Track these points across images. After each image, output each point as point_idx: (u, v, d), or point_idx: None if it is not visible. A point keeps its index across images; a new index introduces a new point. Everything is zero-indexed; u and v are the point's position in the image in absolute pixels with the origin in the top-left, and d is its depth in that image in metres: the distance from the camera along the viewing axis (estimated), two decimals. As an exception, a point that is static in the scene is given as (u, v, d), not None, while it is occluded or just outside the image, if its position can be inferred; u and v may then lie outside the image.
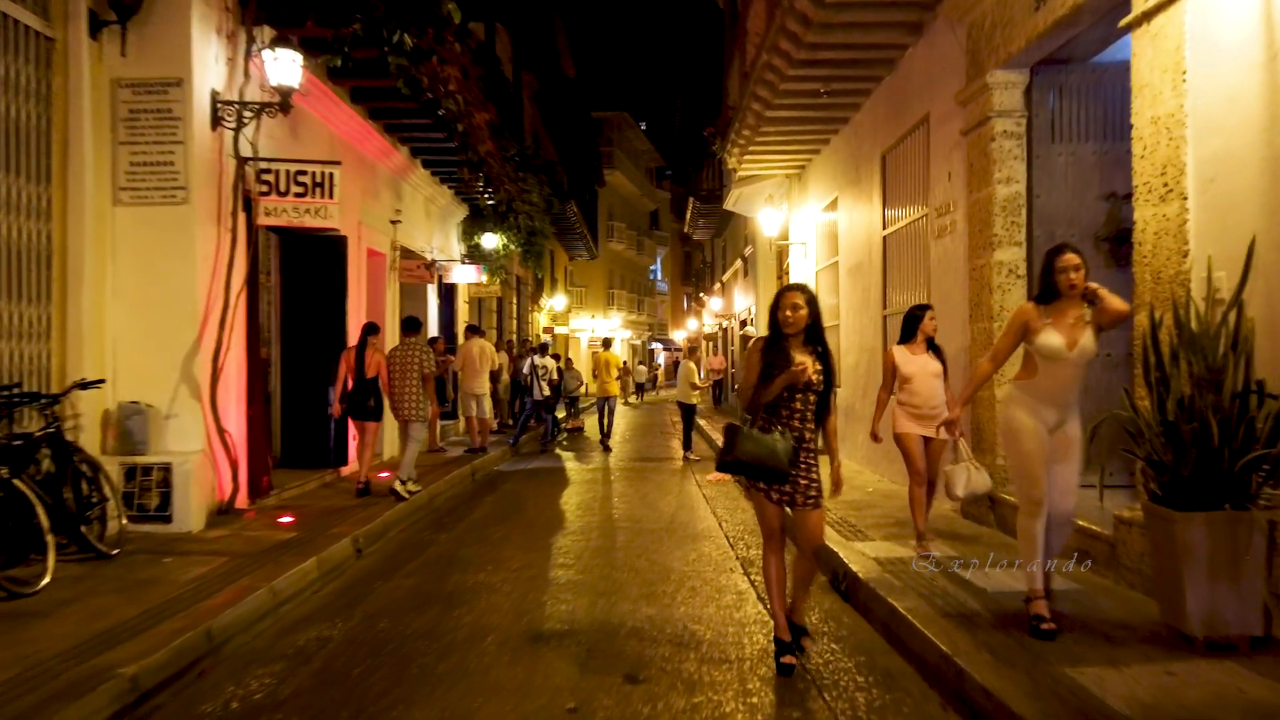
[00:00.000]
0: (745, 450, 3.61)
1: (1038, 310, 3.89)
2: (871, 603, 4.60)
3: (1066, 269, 3.79)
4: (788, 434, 3.62)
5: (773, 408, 3.69)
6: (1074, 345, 3.77)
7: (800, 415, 3.70)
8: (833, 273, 11.20)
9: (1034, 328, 3.85)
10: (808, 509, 3.73)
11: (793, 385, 3.63)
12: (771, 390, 3.63)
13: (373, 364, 8.06)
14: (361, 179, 9.85)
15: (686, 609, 4.76)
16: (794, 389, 3.65)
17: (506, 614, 4.70)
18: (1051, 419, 3.90)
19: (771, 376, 3.63)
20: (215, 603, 4.51)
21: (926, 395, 5.43)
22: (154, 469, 6.05)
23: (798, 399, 3.69)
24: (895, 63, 8.30)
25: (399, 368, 7.96)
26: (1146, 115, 4.34)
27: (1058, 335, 3.78)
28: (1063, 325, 3.80)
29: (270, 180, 6.80)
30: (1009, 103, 6.09)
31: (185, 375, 6.27)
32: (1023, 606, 3.89)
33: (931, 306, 5.66)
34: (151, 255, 6.23)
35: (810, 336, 3.74)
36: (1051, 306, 3.86)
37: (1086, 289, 3.80)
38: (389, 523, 7.06)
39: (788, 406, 3.68)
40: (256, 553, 5.57)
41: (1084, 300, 3.82)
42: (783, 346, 3.69)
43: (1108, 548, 4.65)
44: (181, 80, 6.22)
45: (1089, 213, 6.10)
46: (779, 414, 3.69)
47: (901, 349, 5.56)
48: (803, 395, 3.68)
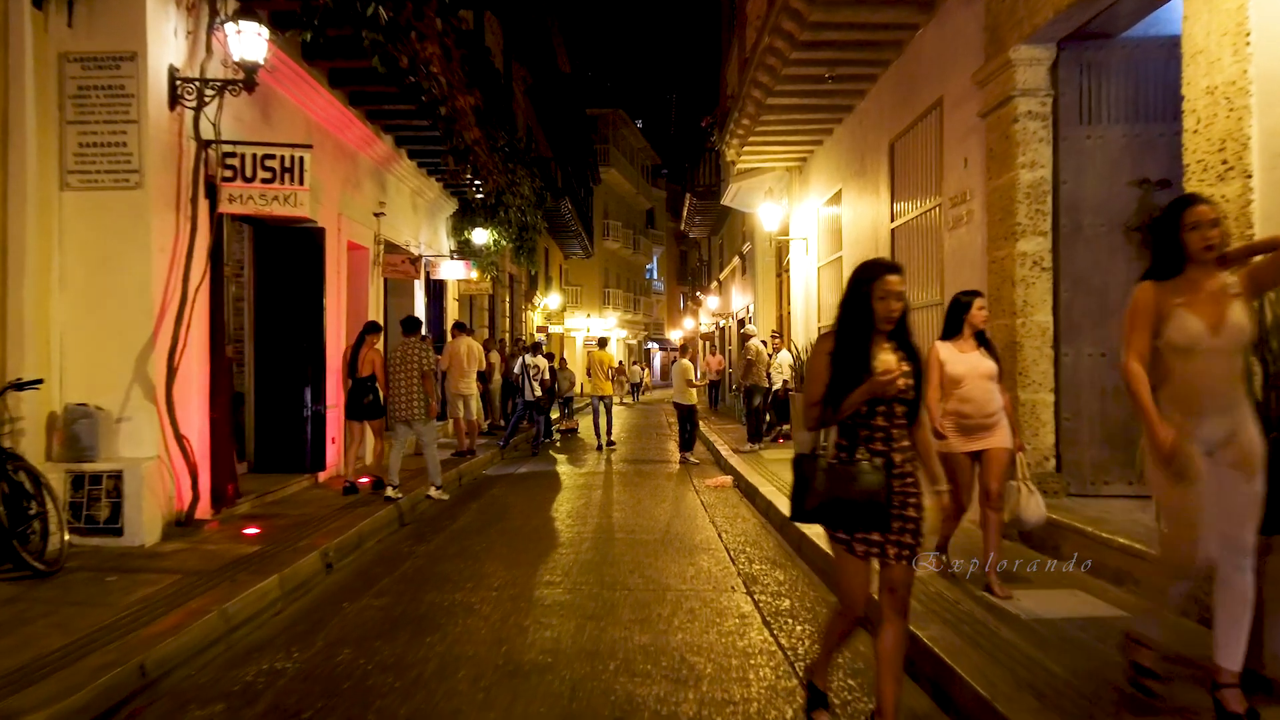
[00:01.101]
0: (838, 488, 2.77)
1: (1159, 289, 2.95)
2: (890, 629, 4.12)
3: (1200, 224, 2.86)
4: (876, 460, 2.80)
5: (849, 427, 2.85)
6: (1219, 327, 2.85)
7: (885, 434, 2.83)
8: (836, 269, 10.73)
9: (1161, 313, 2.92)
10: (901, 563, 2.83)
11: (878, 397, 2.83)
12: (849, 405, 2.80)
13: (366, 362, 8.08)
14: (342, 168, 9.35)
15: (684, 636, 4.28)
16: (878, 401, 2.82)
17: (483, 641, 4.21)
18: (1215, 432, 2.89)
19: (847, 386, 2.80)
20: (156, 630, 4.01)
21: (980, 401, 4.44)
22: (103, 477, 5.55)
23: (881, 413, 2.82)
24: (904, 45, 7.84)
25: (398, 367, 7.75)
26: (1201, 85, 3.88)
27: (1194, 318, 2.86)
28: (1199, 303, 2.88)
29: (235, 165, 6.30)
30: (1033, 80, 5.63)
31: (139, 375, 5.77)
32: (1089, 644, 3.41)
33: (981, 294, 4.62)
34: (102, 244, 5.73)
35: (897, 331, 2.89)
36: (1177, 281, 2.94)
37: (1228, 251, 2.92)
38: (364, 533, 6.57)
39: (868, 425, 2.82)
40: (213, 569, 5.08)
41: (1221, 265, 2.92)
42: (862, 346, 2.83)
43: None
44: (135, 54, 5.71)
45: (1119, 200, 5.65)
46: (857, 434, 2.83)
47: (947, 345, 4.56)
48: (887, 408, 2.82)
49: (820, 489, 2.81)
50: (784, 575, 5.54)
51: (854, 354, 2.83)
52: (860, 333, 2.85)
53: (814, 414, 2.89)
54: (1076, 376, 5.70)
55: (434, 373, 8.00)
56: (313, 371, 8.53)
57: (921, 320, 7.63)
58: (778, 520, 6.96)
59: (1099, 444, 5.69)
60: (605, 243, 38.69)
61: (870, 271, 2.86)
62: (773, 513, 7.21)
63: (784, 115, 10.13)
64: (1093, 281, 5.65)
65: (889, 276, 2.82)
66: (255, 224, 8.30)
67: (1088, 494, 5.65)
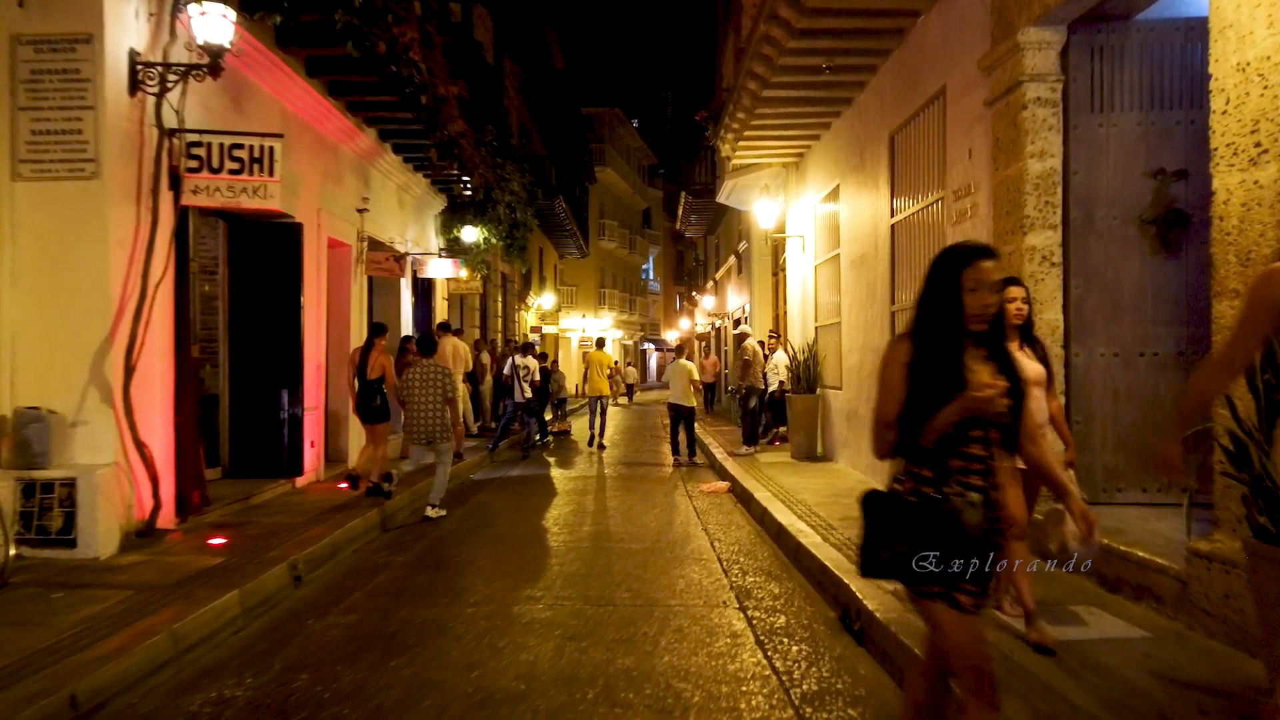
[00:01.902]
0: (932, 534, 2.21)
1: None
2: (894, 651, 3.81)
3: None
4: (972, 496, 2.25)
5: (936, 455, 2.28)
6: None
7: (982, 465, 2.28)
8: (833, 266, 10.42)
9: None
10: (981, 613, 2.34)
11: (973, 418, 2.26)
12: (935, 428, 2.25)
13: (375, 365, 8.01)
14: (322, 162, 9.01)
15: (671, 658, 3.96)
16: (973, 423, 2.27)
17: (454, 666, 3.89)
18: None
19: (932, 404, 2.25)
20: (97, 653, 3.69)
21: (1029, 411, 3.96)
22: (56, 485, 5.22)
23: (977, 439, 2.27)
24: (905, 33, 7.53)
25: (419, 388, 7.46)
26: (1231, 61, 3.57)
27: None
28: None
29: (201, 155, 5.97)
30: (1043, 65, 5.32)
31: (96, 377, 5.44)
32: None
33: (1019, 281, 3.86)
34: (57, 237, 5.40)
35: (990, 335, 2.35)
36: None
37: None
38: (339, 542, 6.24)
39: (963, 453, 2.27)
40: (170, 584, 4.75)
41: None
42: (951, 352, 2.29)
43: (1176, 585, 3.87)
44: (92, 36, 5.39)
45: (1133, 191, 5.34)
46: (947, 465, 2.26)
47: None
48: (984, 433, 2.29)
49: (924, 535, 2.22)
50: (779, 588, 5.23)
51: (941, 362, 2.26)
52: (947, 335, 2.29)
53: (887, 439, 2.33)
54: (1088, 378, 5.39)
55: (459, 399, 7.97)
56: (290, 372, 8.22)
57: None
58: (773, 528, 6.65)
59: (1111, 449, 5.39)
60: (601, 242, 38.36)
61: (959, 256, 2.30)
62: (768, 519, 6.90)
63: (781, 108, 9.81)
64: (1105, 278, 5.34)
65: (983, 262, 2.25)
66: (230, 219, 7.98)
67: (1100, 502, 5.34)
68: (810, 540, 5.75)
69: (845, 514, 6.73)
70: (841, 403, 9.91)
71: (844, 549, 5.47)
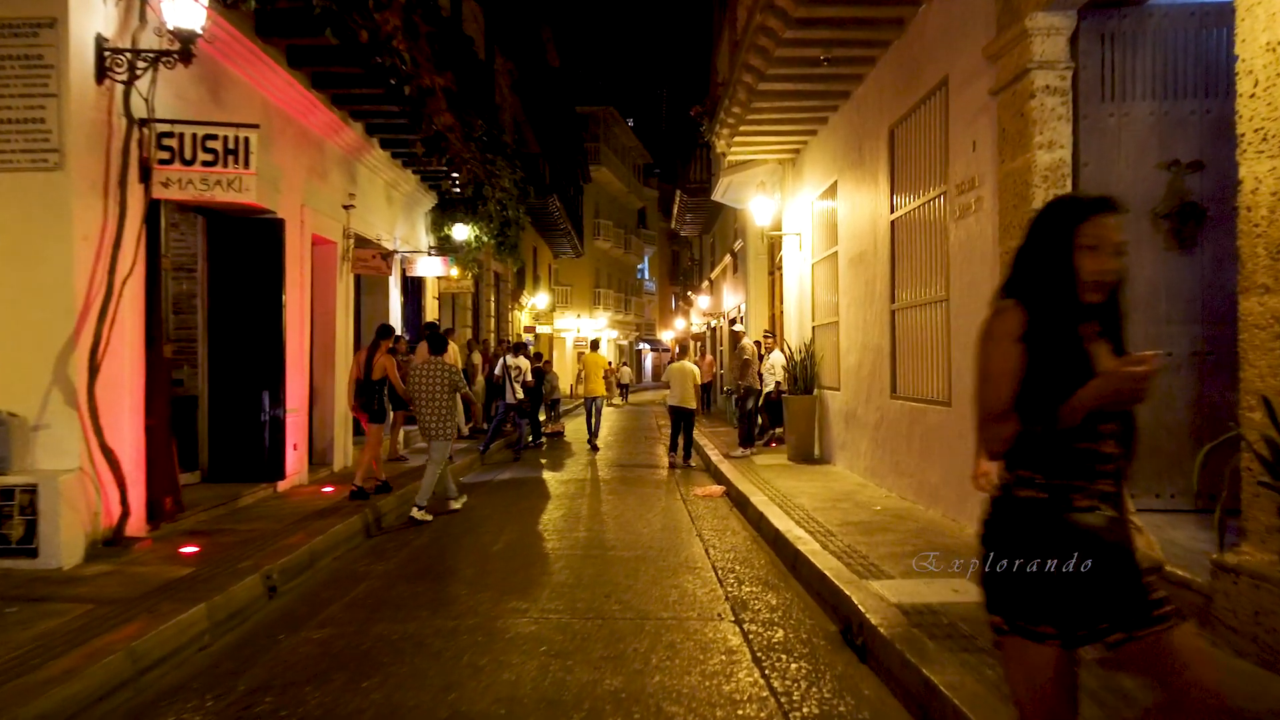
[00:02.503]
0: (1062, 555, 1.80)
1: None
2: (899, 669, 3.58)
3: None
4: (1105, 508, 1.86)
5: (1058, 455, 1.86)
6: None
7: (1115, 465, 1.90)
8: (831, 265, 10.19)
9: None
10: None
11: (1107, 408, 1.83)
12: (1076, 409, 1.80)
13: (378, 366, 8.09)
14: (306, 156, 8.75)
15: (662, 677, 3.72)
16: (1103, 417, 1.85)
17: (429, 687, 3.64)
18: None
19: (1063, 384, 1.81)
20: (46, 675, 3.44)
21: None
22: (16, 492, 4.96)
23: (1111, 435, 1.88)
24: (906, 22, 7.31)
25: (423, 385, 7.53)
26: (1259, 41, 3.34)
27: None
28: None
29: (172, 146, 5.71)
30: (1052, 52, 5.09)
31: (59, 378, 5.18)
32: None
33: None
34: (17, 231, 5.14)
35: (1105, 308, 1.91)
36: None
37: None
38: (318, 551, 5.99)
39: (1092, 452, 1.86)
40: (134, 597, 4.50)
41: None
42: (1072, 331, 1.86)
43: (1200, 599, 3.65)
44: (55, 20, 5.13)
45: (1145, 184, 5.11)
46: (1069, 468, 1.86)
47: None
48: (1118, 425, 1.90)
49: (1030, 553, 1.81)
50: (776, 599, 4.99)
51: (1062, 333, 1.83)
52: (1064, 301, 1.85)
53: (1004, 431, 1.87)
54: (1099, 379, 5.16)
55: (465, 389, 7.96)
56: (272, 373, 7.97)
57: (924, 320, 7.10)
58: (770, 534, 6.41)
59: (1123, 453, 5.15)
60: (596, 242, 38.11)
61: (1075, 207, 1.88)
62: (764, 525, 6.66)
63: (777, 102, 9.58)
64: (1117, 274, 5.11)
65: (1104, 217, 1.83)
66: (209, 214, 7.73)
67: (1112, 508, 5.10)
68: (809, 548, 5.52)
69: (844, 519, 6.49)
70: (840, 404, 9.68)
71: (843, 557, 5.24)
